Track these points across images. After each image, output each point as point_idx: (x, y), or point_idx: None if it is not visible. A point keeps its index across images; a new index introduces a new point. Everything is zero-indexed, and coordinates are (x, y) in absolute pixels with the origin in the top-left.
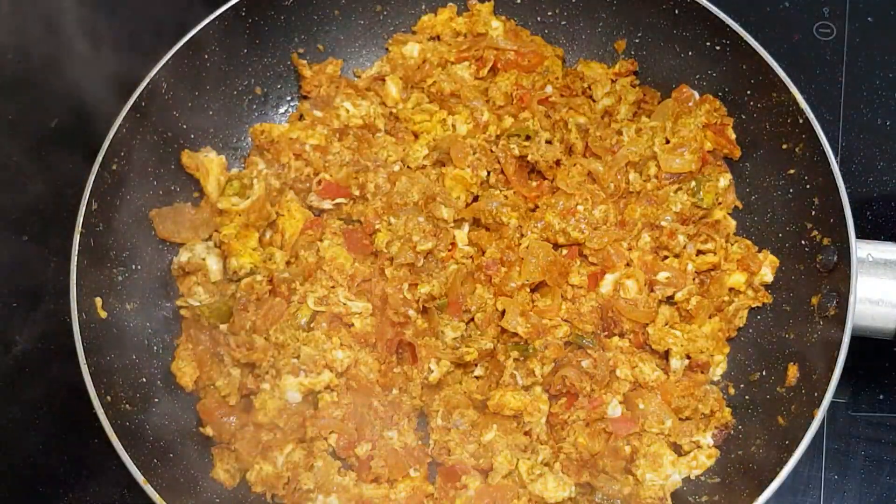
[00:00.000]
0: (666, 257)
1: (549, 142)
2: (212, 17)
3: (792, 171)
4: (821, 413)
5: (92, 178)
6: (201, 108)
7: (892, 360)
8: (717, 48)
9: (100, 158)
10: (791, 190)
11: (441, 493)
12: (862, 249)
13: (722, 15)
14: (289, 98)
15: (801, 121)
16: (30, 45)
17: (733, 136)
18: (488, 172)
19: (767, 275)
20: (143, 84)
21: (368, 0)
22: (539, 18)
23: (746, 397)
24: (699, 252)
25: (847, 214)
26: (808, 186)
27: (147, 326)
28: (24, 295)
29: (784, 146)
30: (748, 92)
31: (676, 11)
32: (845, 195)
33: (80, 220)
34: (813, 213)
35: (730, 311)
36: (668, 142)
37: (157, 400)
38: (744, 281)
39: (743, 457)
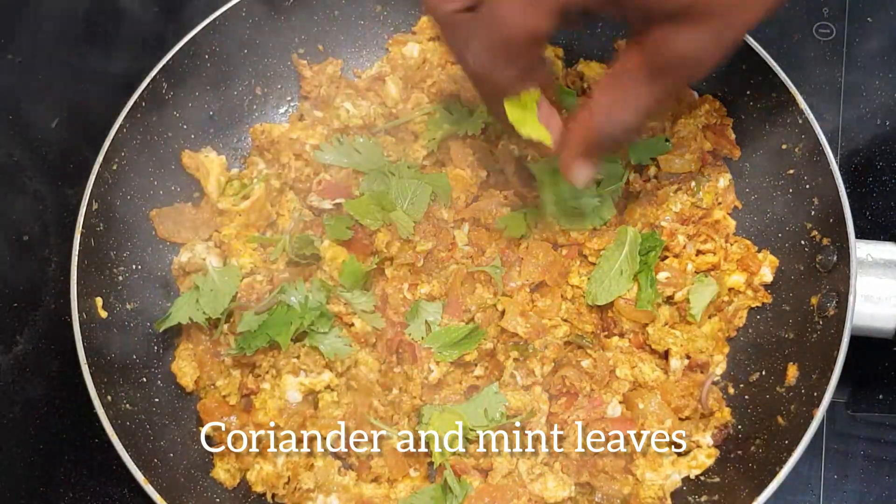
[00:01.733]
0: (666, 257)
1: None
2: (212, 16)
3: (792, 171)
4: (820, 413)
5: (92, 178)
6: (201, 108)
7: (892, 360)
8: None
9: (100, 158)
10: (791, 190)
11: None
12: (861, 249)
13: None
14: (289, 98)
15: (800, 121)
16: (29, 46)
17: (733, 136)
18: (488, 172)
19: (767, 275)
20: (144, 84)
21: (368, 0)
22: None
23: (746, 397)
24: (699, 252)
25: (847, 214)
26: (807, 186)
27: (147, 326)
28: (24, 295)
29: (784, 146)
30: (748, 92)
31: None
32: (845, 195)
33: (81, 220)
34: (813, 213)
35: (729, 311)
36: (667, 141)
37: (157, 400)
38: (743, 281)
39: (743, 457)
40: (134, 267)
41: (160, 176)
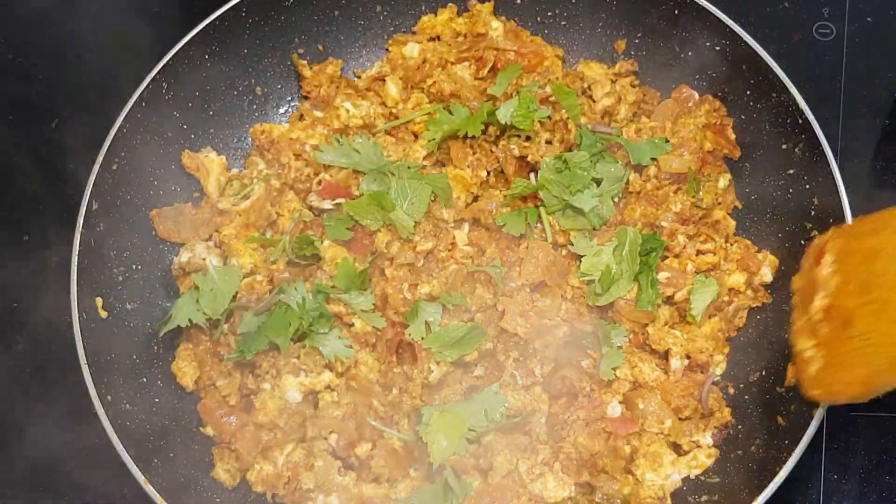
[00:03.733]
0: (666, 257)
1: (549, 142)
2: (212, 17)
3: (792, 171)
4: (820, 413)
5: (92, 178)
6: (201, 107)
7: None
8: (717, 48)
9: (100, 158)
10: (791, 190)
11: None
12: None
13: (722, 15)
14: (289, 98)
15: (800, 121)
16: (30, 45)
17: (733, 136)
18: (488, 172)
19: (767, 275)
20: (144, 84)
21: (368, 0)
22: (539, 18)
23: (746, 397)
24: (699, 252)
25: (847, 214)
26: (807, 186)
27: (147, 326)
28: (24, 295)
29: (784, 146)
30: (748, 92)
31: (676, 11)
32: (845, 195)
33: (81, 220)
34: (813, 213)
35: (729, 311)
36: (667, 142)
37: (157, 400)
38: (743, 281)
39: (742, 456)
40: (134, 267)
41: (160, 176)
